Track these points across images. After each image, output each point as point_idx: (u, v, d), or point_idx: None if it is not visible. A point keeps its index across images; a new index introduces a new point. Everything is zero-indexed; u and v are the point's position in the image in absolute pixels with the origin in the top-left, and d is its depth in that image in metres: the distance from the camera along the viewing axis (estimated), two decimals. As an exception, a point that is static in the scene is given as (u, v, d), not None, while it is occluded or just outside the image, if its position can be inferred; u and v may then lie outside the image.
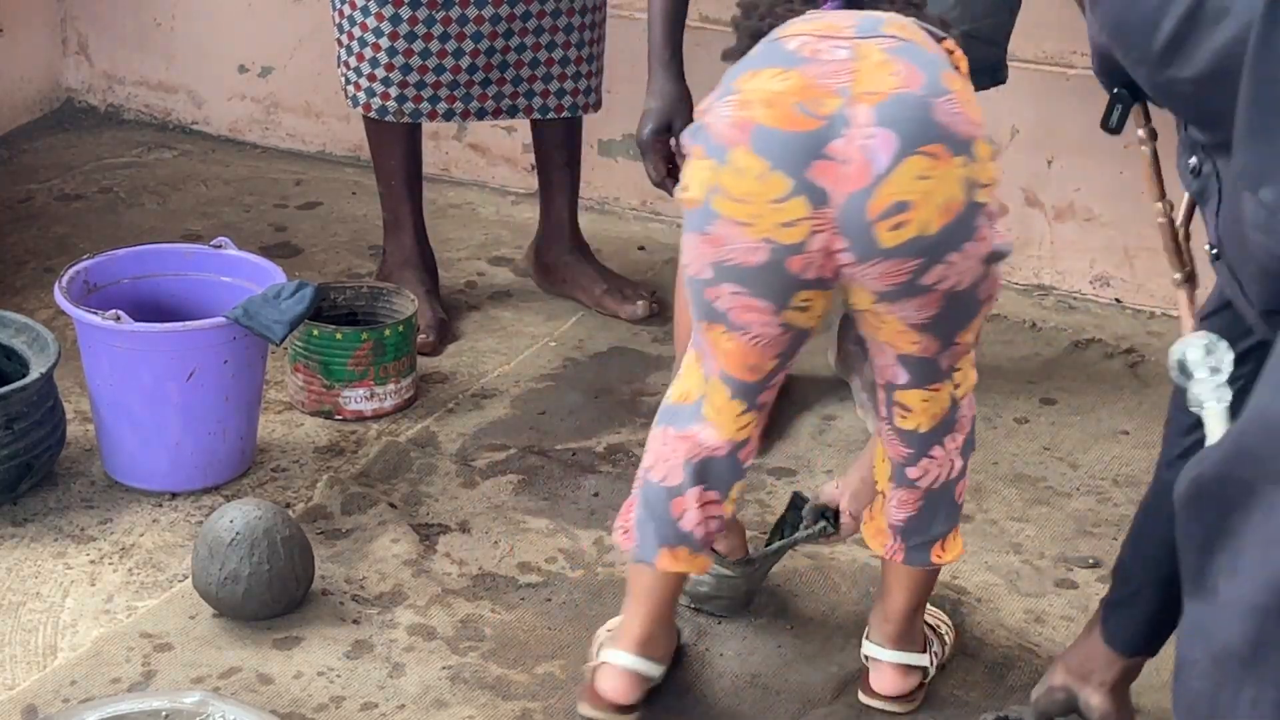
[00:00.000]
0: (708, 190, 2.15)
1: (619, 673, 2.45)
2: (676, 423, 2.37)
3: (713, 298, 2.22)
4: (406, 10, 3.33)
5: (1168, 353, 1.98)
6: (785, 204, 2.10)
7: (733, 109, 2.13)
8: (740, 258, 2.15)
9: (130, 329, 2.87)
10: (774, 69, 2.13)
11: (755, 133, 2.11)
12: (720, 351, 2.28)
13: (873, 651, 2.53)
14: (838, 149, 2.08)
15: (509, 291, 3.75)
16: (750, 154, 2.10)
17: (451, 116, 3.46)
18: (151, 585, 2.75)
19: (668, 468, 2.37)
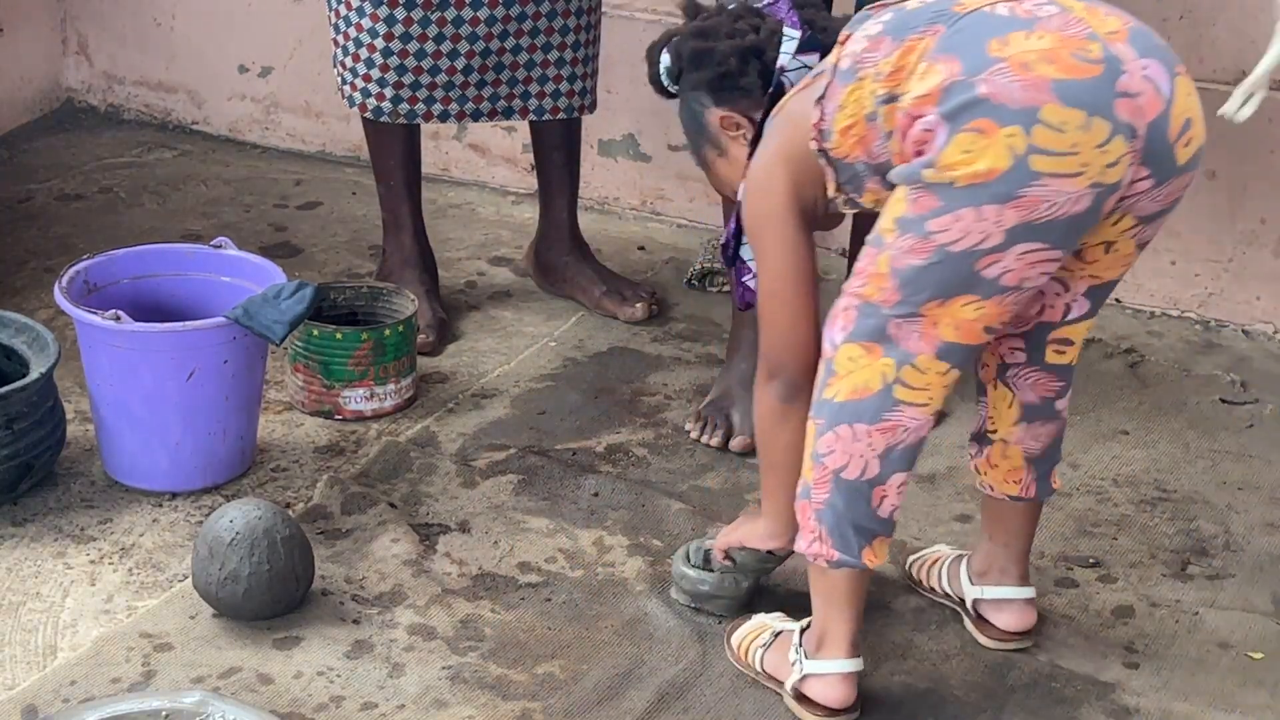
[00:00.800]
0: (1016, 156, 2.18)
1: (842, 679, 2.47)
2: (865, 417, 2.35)
3: (984, 266, 2.25)
4: (401, 11, 3.33)
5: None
6: (1109, 146, 2.20)
7: (1015, 73, 2.18)
8: (1062, 209, 2.21)
9: (130, 329, 2.87)
10: (1017, 32, 2.21)
11: (1056, 87, 2.17)
12: (952, 324, 2.30)
13: (1003, 594, 2.64)
14: (1126, 84, 2.21)
15: (509, 291, 3.75)
16: (1062, 108, 2.17)
17: (447, 118, 3.45)
18: (151, 585, 2.75)
19: (863, 462, 2.37)
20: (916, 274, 2.27)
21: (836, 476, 2.38)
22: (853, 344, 2.35)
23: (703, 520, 2.94)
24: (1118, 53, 2.22)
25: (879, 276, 2.30)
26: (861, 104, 2.31)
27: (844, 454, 2.37)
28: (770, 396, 2.49)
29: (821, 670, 2.47)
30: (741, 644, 2.60)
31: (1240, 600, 2.81)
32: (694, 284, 3.78)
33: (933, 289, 2.28)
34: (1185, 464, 3.19)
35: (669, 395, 3.36)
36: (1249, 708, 2.58)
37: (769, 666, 2.55)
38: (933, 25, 2.27)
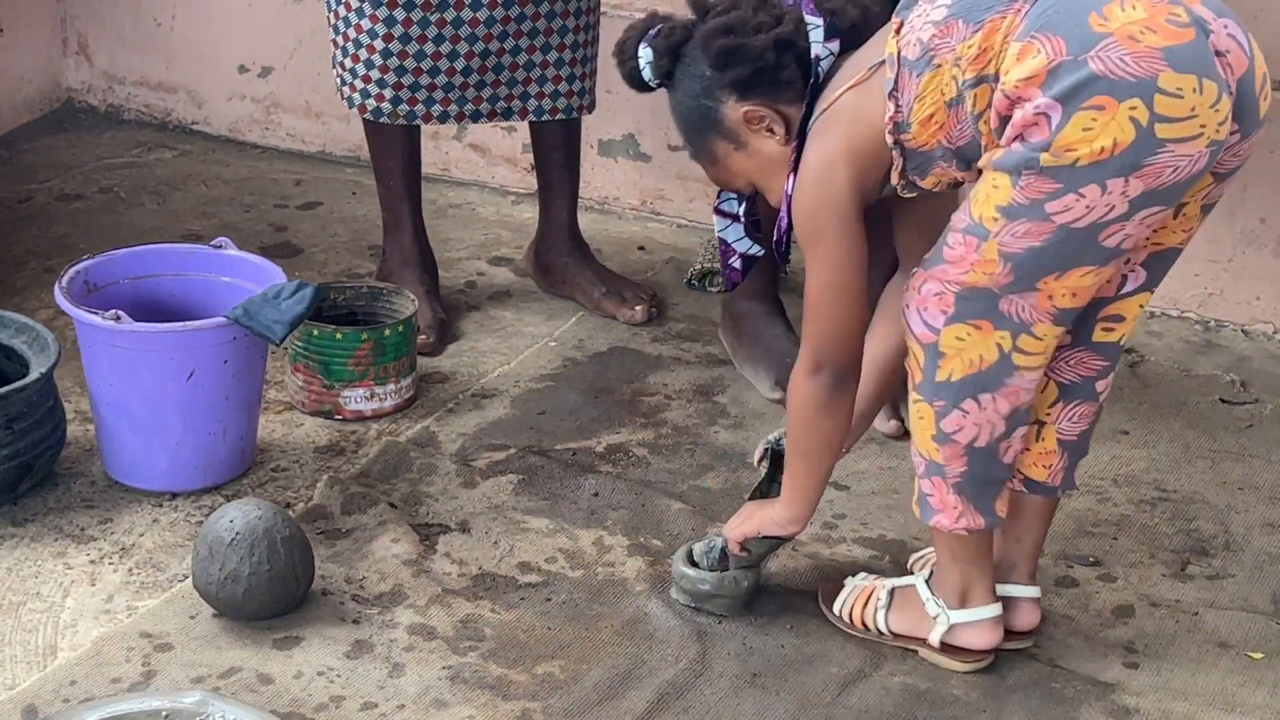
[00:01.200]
0: (1140, 128, 2.22)
1: (993, 623, 2.59)
2: (988, 388, 2.42)
3: (1107, 236, 2.30)
4: (401, 12, 3.33)
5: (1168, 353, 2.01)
6: (1220, 105, 2.25)
7: (1125, 46, 2.21)
8: (1184, 171, 2.26)
9: (130, 329, 2.87)
10: (1112, 4, 2.24)
11: (1167, 54, 2.21)
12: (1068, 293, 2.35)
13: (1010, 591, 2.64)
14: (1217, 43, 2.26)
15: (509, 291, 3.75)
16: (1176, 74, 2.22)
17: (446, 119, 3.45)
18: (151, 585, 2.75)
19: (991, 427, 2.45)
20: (1034, 255, 2.31)
21: (970, 448, 2.46)
22: (959, 324, 2.39)
23: (703, 520, 2.94)
24: (1201, 14, 2.26)
25: (987, 263, 2.33)
26: (943, 91, 2.33)
27: (974, 426, 2.44)
28: (816, 387, 2.51)
29: (974, 618, 2.58)
30: (854, 613, 2.65)
31: (1240, 600, 2.81)
32: (694, 284, 3.78)
33: (1052, 265, 2.32)
34: (1185, 464, 3.19)
35: (669, 395, 3.36)
36: (1249, 708, 2.58)
37: (899, 626, 2.63)
38: (1013, 4, 2.27)
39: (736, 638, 2.68)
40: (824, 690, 2.58)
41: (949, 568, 2.57)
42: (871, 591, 2.66)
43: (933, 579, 2.61)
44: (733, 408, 3.32)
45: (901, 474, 3.10)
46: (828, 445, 2.56)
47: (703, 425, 3.26)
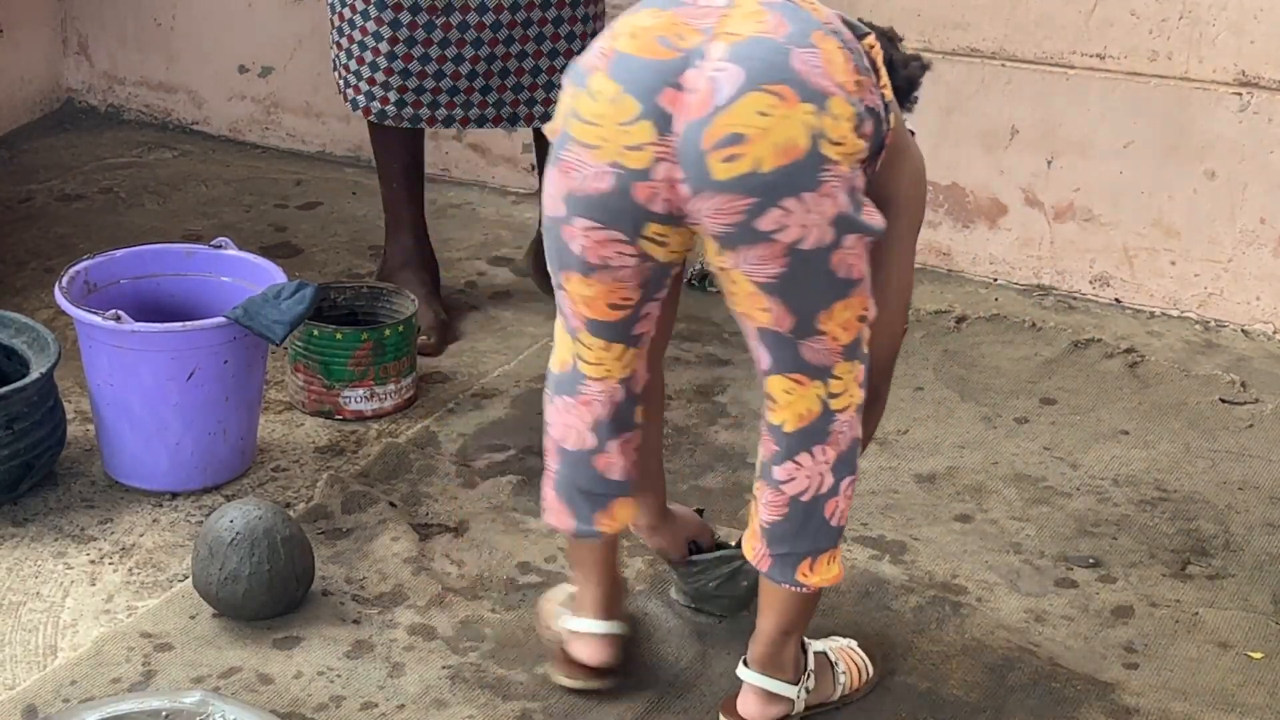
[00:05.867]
0: (564, 117, 2.21)
1: (592, 639, 2.52)
2: (568, 390, 2.41)
3: (568, 238, 2.25)
4: (406, 15, 3.33)
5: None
6: (632, 127, 2.14)
7: (602, 40, 2.20)
8: (590, 184, 2.18)
9: (130, 329, 2.87)
10: (651, 9, 2.19)
11: (614, 59, 2.16)
12: (580, 301, 2.31)
13: (740, 672, 2.45)
14: (688, 79, 2.12)
15: (509, 291, 3.75)
16: (606, 78, 2.16)
17: (451, 123, 3.45)
18: (151, 585, 2.75)
19: (578, 434, 2.42)
20: (545, 236, 2.31)
21: (560, 447, 2.45)
22: (559, 315, 2.39)
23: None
24: (707, 49, 2.11)
25: None
26: None
27: (561, 426, 2.44)
28: None
29: (578, 629, 2.53)
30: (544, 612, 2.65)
31: (1240, 600, 2.81)
32: (694, 284, 3.78)
33: (553, 257, 2.30)
34: (1185, 464, 3.19)
35: (669, 395, 3.35)
36: (1249, 708, 2.58)
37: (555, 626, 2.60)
38: None
39: (736, 638, 2.68)
40: (824, 690, 2.58)
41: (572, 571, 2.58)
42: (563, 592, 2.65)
43: None
44: (733, 408, 3.32)
45: (902, 474, 3.11)
46: None
47: (703, 425, 3.26)
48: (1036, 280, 3.84)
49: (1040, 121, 3.74)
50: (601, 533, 2.47)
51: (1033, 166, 3.77)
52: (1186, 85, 3.62)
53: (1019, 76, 3.73)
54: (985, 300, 3.79)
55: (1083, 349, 3.58)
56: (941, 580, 2.82)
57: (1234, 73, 3.57)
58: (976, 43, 3.74)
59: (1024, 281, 3.84)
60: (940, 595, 2.78)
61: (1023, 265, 3.84)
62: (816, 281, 2.18)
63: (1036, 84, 3.72)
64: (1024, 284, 3.84)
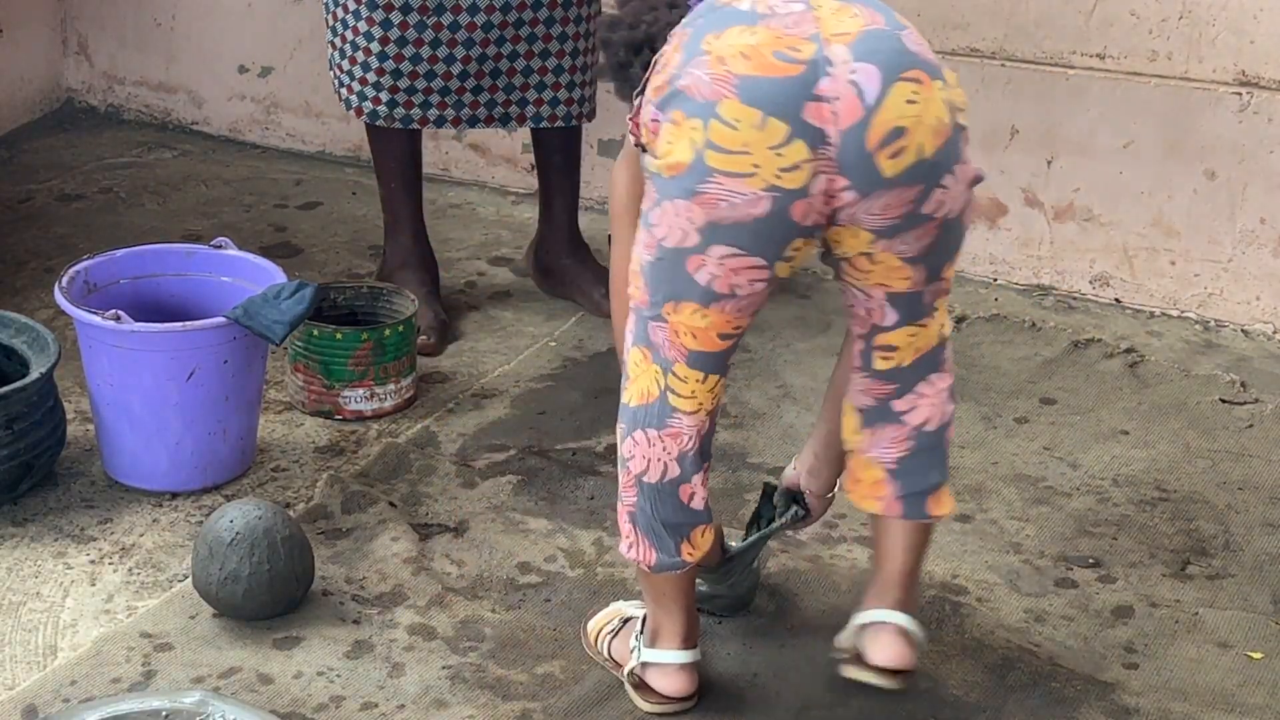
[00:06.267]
0: (696, 150, 2.15)
1: (677, 670, 2.48)
2: (653, 424, 2.35)
3: (694, 268, 2.22)
4: (398, 16, 3.32)
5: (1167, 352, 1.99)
6: (785, 149, 2.12)
7: (709, 67, 2.14)
8: (741, 211, 2.16)
9: (130, 329, 2.87)
10: (739, 27, 2.16)
11: (740, 84, 2.12)
12: (687, 332, 2.28)
13: (876, 616, 2.43)
14: (825, 88, 2.12)
15: (509, 291, 3.75)
16: (741, 105, 2.12)
17: (443, 123, 3.45)
18: (151, 585, 2.75)
19: (662, 465, 2.37)
20: (650, 271, 2.26)
21: (640, 481, 2.38)
22: (635, 348, 2.34)
23: (703, 520, 2.94)
24: (830, 55, 2.12)
25: (635, 275, 2.30)
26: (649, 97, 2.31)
27: (643, 459, 2.37)
28: None
29: (660, 660, 2.48)
30: (592, 633, 2.62)
31: (1240, 600, 2.81)
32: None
33: (664, 290, 2.26)
34: (1185, 464, 3.19)
35: (669, 395, 3.35)
36: (1249, 708, 2.58)
37: (616, 653, 2.57)
38: (696, 19, 2.25)
39: (736, 638, 2.68)
40: (824, 690, 2.57)
41: (646, 602, 2.51)
42: (614, 615, 2.61)
43: None
44: (733, 408, 3.31)
45: (901, 474, 3.11)
46: None
47: (703, 425, 3.25)
48: (1036, 280, 3.84)
49: (1040, 121, 3.74)
50: (686, 563, 2.43)
51: (1032, 166, 3.77)
52: (1186, 85, 3.61)
53: (1019, 76, 3.73)
54: (985, 300, 3.79)
55: (1083, 349, 3.58)
56: (941, 580, 2.82)
57: (1234, 73, 3.57)
58: (976, 43, 3.74)
59: (1024, 281, 3.84)
60: (940, 595, 2.78)
61: (1022, 265, 3.84)
62: (953, 240, 2.29)
63: (1036, 84, 3.72)
64: (1024, 284, 3.84)
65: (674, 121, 2.18)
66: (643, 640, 2.51)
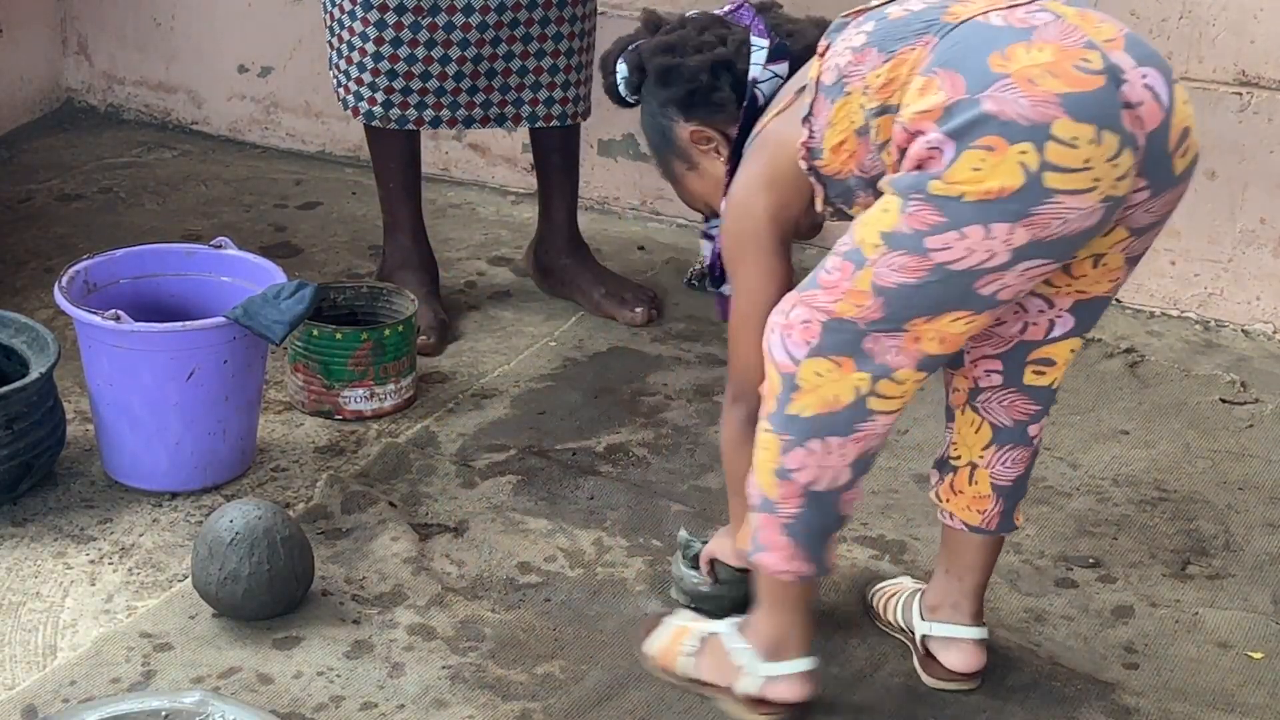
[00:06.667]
0: (1030, 174, 2.11)
1: (802, 677, 2.45)
2: (839, 430, 2.29)
3: (984, 284, 2.18)
4: (392, 16, 3.32)
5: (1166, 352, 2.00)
6: (1119, 159, 2.14)
7: (1021, 90, 2.10)
8: (1072, 226, 2.15)
9: (130, 329, 2.87)
10: (1019, 44, 2.14)
11: (1065, 101, 2.10)
12: (936, 339, 2.23)
13: (952, 632, 2.56)
14: (1130, 95, 2.15)
15: (509, 291, 3.75)
16: (1075, 123, 2.10)
17: (439, 124, 3.44)
18: (151, 585, 2.75)
19: (834, 473, 2.32)
20: (908, 293, 2.19)
21: (808, 491, 2.33)
22: (820, 359, 2.26)
23: (702, 521, 2.94)
24: (1118, 61, 2.14)
25: (858, 294, 2.21)
26: (851, 119, 2.24)
27: (816, 468, 2.31)
28: (734, 420, 2.46)
29: (785, 672, 2.44)
30: (664, 655, 2.56)
31: (1240, 600, 2.81)
32: (694, 284, 3.77)
33: (923, 307, 2.20)
34: (1185, 464, 3.19)
35: (669, 395, 3.36)
36: (1249, 708, 2.58)
37: (705, 674, 2.51)
38: (922, 36, 2.19)
39: (736, 638, 2.68)
40: (824, 690, 2.57)
41: (768, 615, 2.44)
42: (684, 633, 2.55)
43: (746, 625, 2.48)
44: (733, 408, 3.31)
45: (902, 474, 3.11)
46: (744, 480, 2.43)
47: (703, 425, 3.26)
48: (1036, 280, 3.83)
49: (1040, 121, 3.74)
50: (830, 570, 2.43)
51: (1033, 166, 3.77)
52: (1186, 85, 3.59)
53: (1019, 76, 3.73)
54: (985, 300, 3.79)
55: (1083, 349, 3.58)
56: (941, 580, 2.82)
57: (1234, 73, 3.57)
58: (976, 43, 3.74)
59: (1024, 281, 3.84)
60: (940, 595, 2.78)
61: (1023, 265, 3.83)
62: None
63: (1036, 84, 3.71)
64: (1024, 284, 3.84)
65: (988, 148, 2.10)
66: (756, 656, 2.45)
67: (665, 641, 2.56)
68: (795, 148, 2.31)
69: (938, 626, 2.57)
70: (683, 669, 2.53)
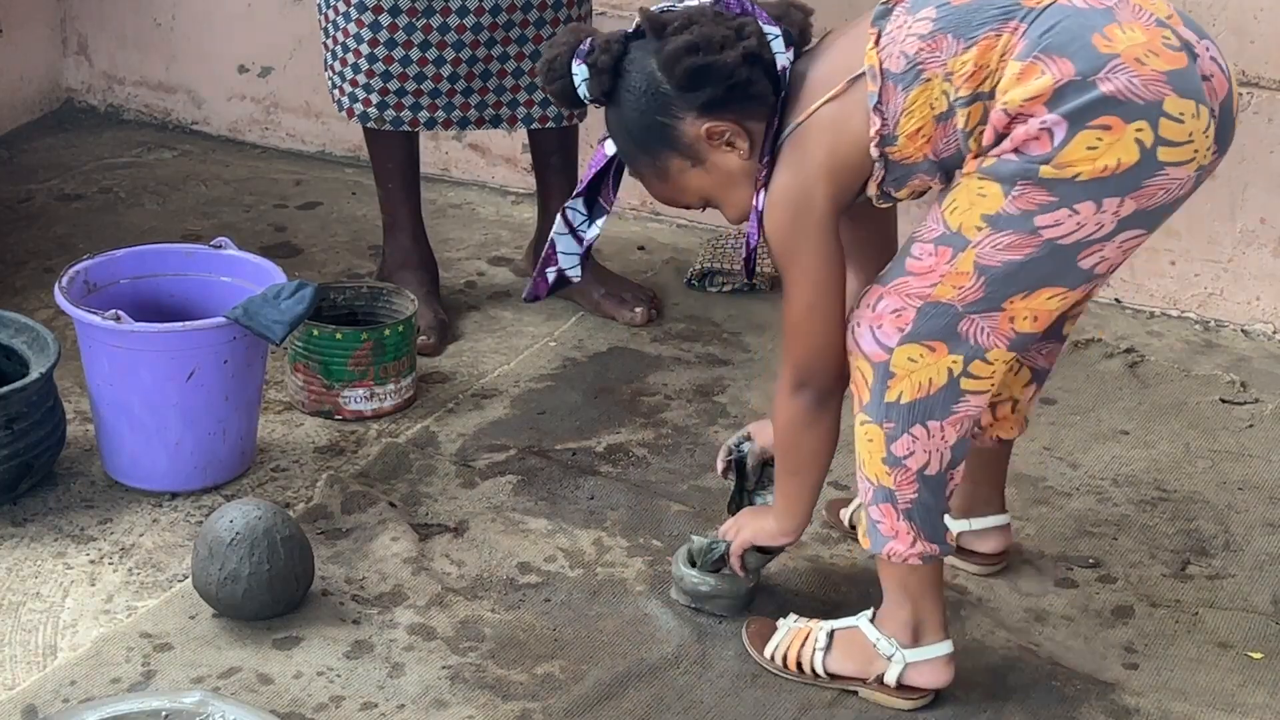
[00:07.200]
0: (1145, 150, 2.22)
1: (946, 660, 2.53)
2: (935, 415, 2.38)
3: (1086, 256, 2.30)
4: (386, 18, 3.32)
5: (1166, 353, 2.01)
6: (1209, 131, 2.26)
7: (1132, 70, 2.21)
8: (1173, 194, 2.29)
9: (130, 329, 2.87)
10: (1111, 25, 2.23)
11: (1170, 79, 2.22)
12: (1027, 317, 2.33)
13: (988, 523, 2.78)
14: (1204, 68, 2.26)
15: (509, 291, 3.75)
16: (1179, 99, 2.23)
17: (434, 125, 3.44)
18: (151, 585, 2.75)
19: (940, 456, 2.41)
20: (1011, 270, 2.29)
21: (921, 475, 2.41)
22: (913, 344, 2.35)
23: (702, 521, 2.94)
24: (1187, 37, 2.26)
25: (959, 276, 2.30)
26: (932, 105, 2.29)
27: (924, 453, 2.40)
28: (800, 405, 2.48)
29: (928, 656, 2.51)
30: (789, 657, 2.58)
31: (1240, 600, 2.81)
32: (694, 284, 3.78)
33: (1024, 284, 2.30)
34: (1185, 464, 3.19)
35: (669, 395, 3.36)
36: (1249, 708, 2.58)
37: (839, 668, 2.56)
38: (1008, 22, 2.24)
39: (736, 638, 2.68)
40: (824, 690, 2.57)
41: (900, 604, 2.50)
42: (808, 634, 2.58)
43: (879, 617, 2.54)
44: (733, 408, 3.32)
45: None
46: (814, 459, 2.52)
47: (703, 425, 3.26)
48: (1036, 280, 3.83)
49: (1040, 121, 3.74)
50: (951, 548, 2.53)
51: (1033, 166, 3.77)
52: (1186, 85, 3.61)
53: (1019, 76, 3.73)
54: (985, 300, 3.79)
55: (1083, 349, 3.58)
56: (941, 580, 2.82)
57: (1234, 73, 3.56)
58: (976, 43, 3.73)
59: (1024, 281, 3.84)
60: (940, 595, 2.78)
61: (1023, 265, 3.83)
62: None
63: (1036, 84, 3.71)
64: (1024, 284, 3.84)
65: (1105, 127, 2.21)
66: (896, 643, 2.51)
67: (789, 642, 2.59)
68: (861, 134, 2.34)
69: (977, 521, 2.78)
70: (814, 666, 2.57)
